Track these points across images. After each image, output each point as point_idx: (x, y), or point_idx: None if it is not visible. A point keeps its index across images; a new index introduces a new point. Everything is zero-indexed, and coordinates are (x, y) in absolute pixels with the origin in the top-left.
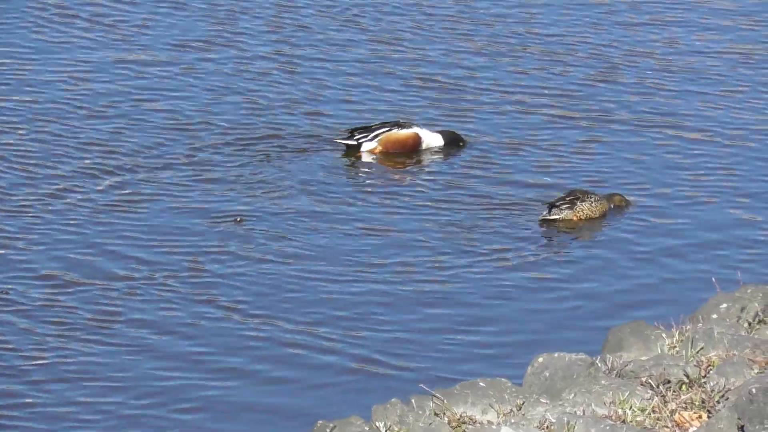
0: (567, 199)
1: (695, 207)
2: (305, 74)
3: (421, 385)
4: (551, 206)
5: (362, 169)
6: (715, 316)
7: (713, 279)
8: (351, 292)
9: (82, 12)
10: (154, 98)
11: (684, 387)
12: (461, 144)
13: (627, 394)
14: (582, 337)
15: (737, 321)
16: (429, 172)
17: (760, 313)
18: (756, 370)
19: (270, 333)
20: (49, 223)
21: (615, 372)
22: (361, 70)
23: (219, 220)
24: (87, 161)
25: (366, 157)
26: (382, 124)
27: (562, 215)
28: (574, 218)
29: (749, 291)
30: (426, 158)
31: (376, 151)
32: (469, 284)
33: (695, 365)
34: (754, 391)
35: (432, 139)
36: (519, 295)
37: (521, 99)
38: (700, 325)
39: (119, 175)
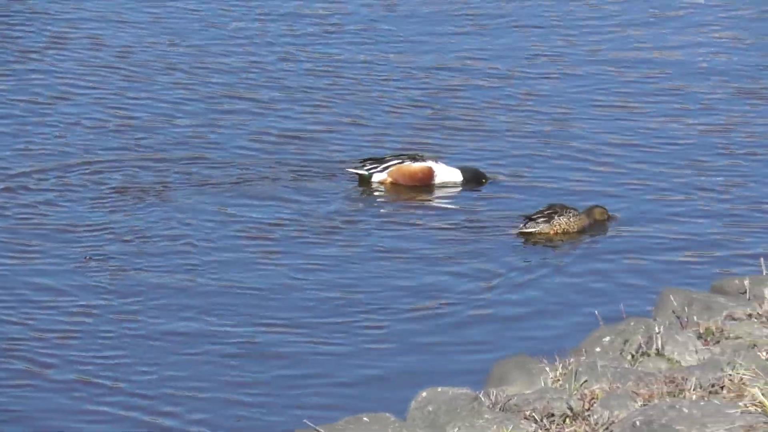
0: (545, 212)
1: (580, 239)
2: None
3: (305, 420)
4: (528, 219)
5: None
6: (598, 349)
7: (596, 312)
8: (234, 322)
9: None
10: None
11: (568, 420)
12: (483, 181)
13: (511, 427)
14: (466, 370)
15: (620, 354)
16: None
17: (643, 346)
18: (639, 403)
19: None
20: None
21: (498, 406)
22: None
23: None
24: None
25: (377, 188)
26: (396, 156)
27: (538, 228)
28: (551, 232)
29: (632, 324)
30: (426, 192)
31: (387, 182)
32: (353, 315)
33: (579, 398)
34: (638, 423)
35: (448, 174)
36: (404, 327)
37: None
38: (584, 358)
39: None
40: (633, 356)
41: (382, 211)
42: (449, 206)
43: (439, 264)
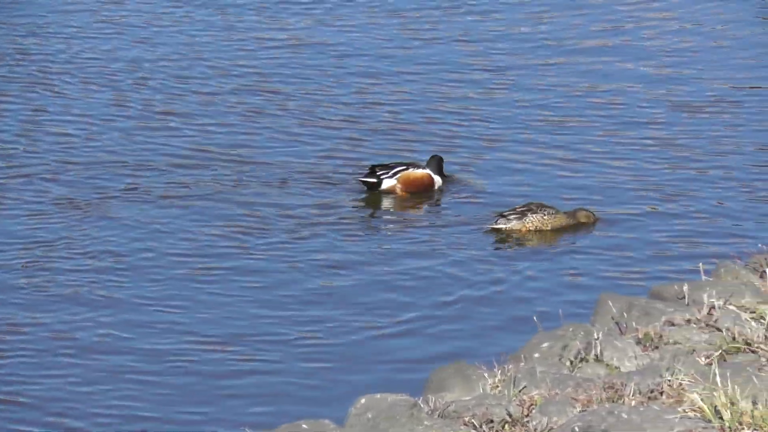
0: (518, 209)
1: (518, 246)
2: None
3: (245, 428)
4: (500, 216)
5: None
6: (537, 355)
7: (535, 318)
8: (169, 338)
9: None
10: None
11: (507, 426)
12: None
13: None
14: (406, 377)
15: (559, 360)
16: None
17: (581, 352)
18: (578, 409)
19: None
20: None
21: (438, 413)
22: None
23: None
24: None
25: (385, 194)
26: (399, 163)
27: (509, 225)
28: (522, 229)
29: (571, 330)
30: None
31: (395, 188)
32: (287, 318)
33: (518, 404)
34: (576, 429)
35: (438, 180)
36: (342, 334)
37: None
38: (523, 364)
39: None
40: (572, 362)
41: (326, 222)
42: (396, 215)
43: (382, 272)
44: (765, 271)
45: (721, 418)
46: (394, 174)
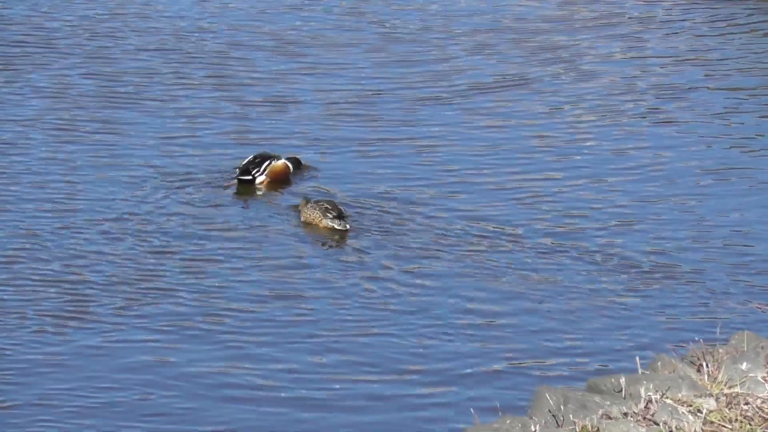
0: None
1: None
2: None
3: None
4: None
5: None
6: None
7: (472, 410)
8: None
9: None
10: None
11: None
12: (301, 166)
13: None
14: None
15: None
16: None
17: None
18: None
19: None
20: None
21: None
22: None
23: None
24: None
25: (258, 189)
26: (259, 156)
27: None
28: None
29: (508, 422)
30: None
31: (265, 183)
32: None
33: None
34: None
35: (292, 166)
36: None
37: None
38: None
39: None
40: None
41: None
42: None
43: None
44: (702, 365)
45: None
46: (264, 169)
